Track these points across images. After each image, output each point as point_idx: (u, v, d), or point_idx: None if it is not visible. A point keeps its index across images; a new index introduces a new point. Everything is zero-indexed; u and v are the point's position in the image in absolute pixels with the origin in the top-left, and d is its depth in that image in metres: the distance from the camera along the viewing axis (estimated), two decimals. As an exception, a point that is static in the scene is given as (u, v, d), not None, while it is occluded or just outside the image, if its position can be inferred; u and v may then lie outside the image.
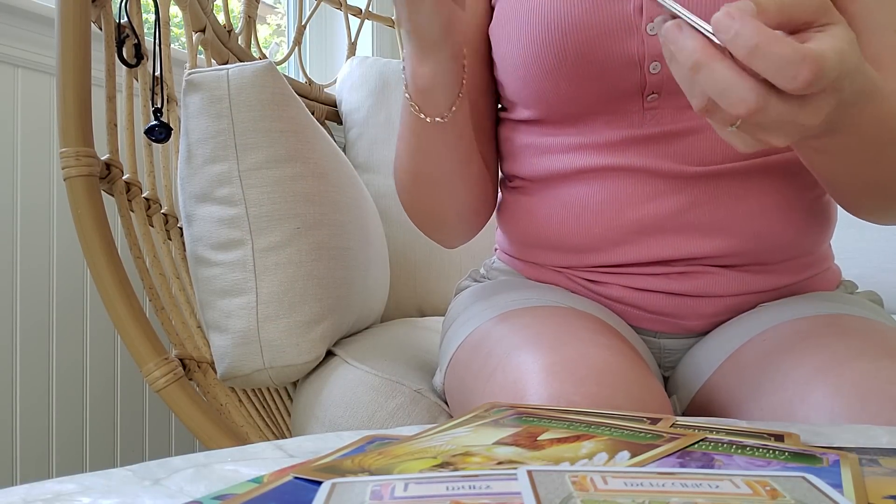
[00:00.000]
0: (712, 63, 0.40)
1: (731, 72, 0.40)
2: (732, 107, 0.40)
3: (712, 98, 0.41)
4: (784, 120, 0.41)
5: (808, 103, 0.41)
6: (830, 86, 0.40)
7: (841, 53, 0.40)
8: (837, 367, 0.50)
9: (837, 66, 0.39)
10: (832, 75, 0.39)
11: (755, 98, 0.40)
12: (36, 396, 1.12)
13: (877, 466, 0.30)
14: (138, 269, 0.87)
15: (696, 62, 0.41)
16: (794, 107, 0.41)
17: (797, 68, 0.38)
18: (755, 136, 0.43)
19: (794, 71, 0.38)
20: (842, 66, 0.40)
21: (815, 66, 0.38)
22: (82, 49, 0.80)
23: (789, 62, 0.38)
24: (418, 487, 0.25)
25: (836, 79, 0.40)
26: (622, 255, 0.65)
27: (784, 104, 0.40)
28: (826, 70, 0.39)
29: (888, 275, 1.34)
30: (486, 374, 0.57)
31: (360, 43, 1.68)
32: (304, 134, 0.79)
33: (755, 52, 0.38)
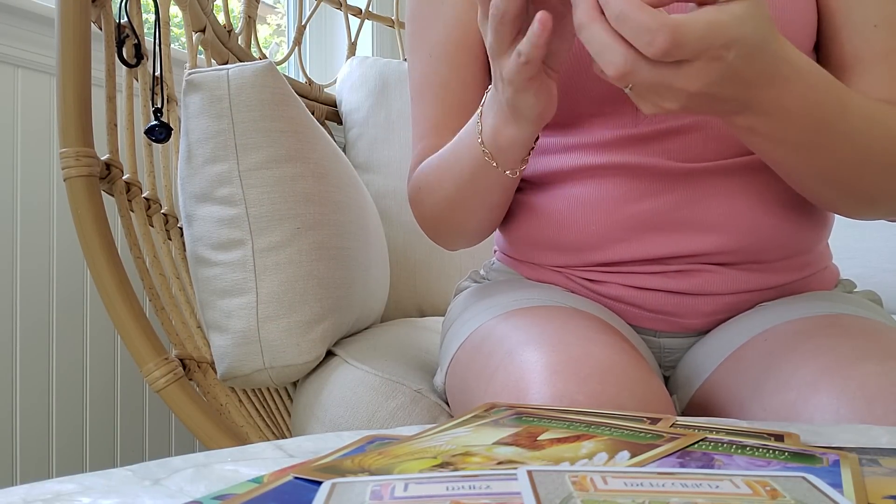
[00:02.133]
0: (591, 24, 0.43)
1: (606, 35, 0.42)
2: (605, 67, 0.43)
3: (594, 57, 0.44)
4: (662, 84, 0.43)
5: (682, 70, 0.43)
6: (703, 55, 0.42)
7: (712, 24, 0.42)
8: (843, 369, 0.50)
9: (702, 37, 0.41)
10: (695, 45, 0.41)
11: (623, 61, 0.42)
12: (36, 396, 1.12)
13: (877, 466, 0.30)
14: (138, 269, 0.87)
15: (580, 23, 0.43)
16: (666, 72, 0.43)
17: (653, 35, 0.41)
18: (647, 99, 0.46)
19: (650, 37, 0.41)
20: (711, 36, 0.42)
21: (672, 34, 0.40)
22: (82, 49, 0.80)
23: (647, 29, 0.41)
24: (418, 487, 0.25)
25: (708, 48, 0.42)
26: (620, 252, 0.66)
27: (654, 69, 0.43)
28: (683, 39, 0.41)
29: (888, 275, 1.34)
30: (489, 374, 0.57)
31: (360, 43, 1.68)
32: (304, 134, 0.79)
33: (620, 18, 0.41)
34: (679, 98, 0.45)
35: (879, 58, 0.61)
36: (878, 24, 0.61)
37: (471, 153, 0.63)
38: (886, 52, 0.61)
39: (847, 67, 0.62)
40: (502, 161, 0.61)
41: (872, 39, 0.61)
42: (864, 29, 0.61)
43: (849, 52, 0.62)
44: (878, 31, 0.61)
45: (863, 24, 0.62)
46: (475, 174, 0.64)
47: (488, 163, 0.61)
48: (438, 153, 0.69)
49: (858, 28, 0.62)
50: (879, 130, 0.55)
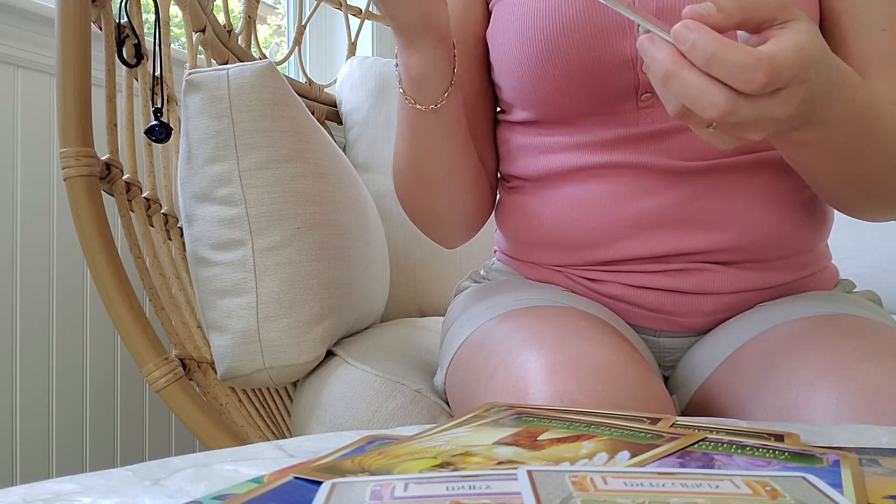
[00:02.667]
0: (681, 72, 0.42)
1: (700, 79, 0.42)
2: (704, 111, 0.42)
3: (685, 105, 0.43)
4: (758, 118, 0.43)
5: (776, 98, 0.43)
6: (794, 79, 0.42)
7: (798, 48, 0.42)
8: (843, 369, 0.50)
9: (795, 62, 0.42)
10: (789, 72, 0.41)
11: (724, 102, 0.42)
12: (36, 396, 1.12)
13: (877, 466, 0.30)
14: (138, 269, 0.87)
15: (667, 72, 0.43)
16: (763, 104, 0.43)
17: (752, 72, 0.40)
18: (731, 133, 0.45)
19: (749, 75, 0.41)
20: (801, 61, 0.42)
21: (769, 67, 0.41)
22: (82, 49, 0.80)
23: (743, 67, 0.40)
24: (418, 487, 0.25)
25: (798, 72, 0.42)
26: (620, 250, 0.66)
27: (753, 103, 0.42)
28: (780, 69, 0.41)
29: (888, 275, 1.34)
30: (489, 374, 0.57)
31: (360, 43, 1.68)
32: (304, 134, 0.79)
33: (712, 60, 0.41)
34: (771, 126, 0.45)
35: (887, 60, 0.61)
36: (885, 27, 0.61)
37: (402, 107, 0.64)
38: (894, 55, 0.61)
39: (855, 70, 0.62)
40: (421, 97, 0.62)
41: (880, 42, 0.61)
42: (872, 32, 0.61)
43: (856, 56, 0.62)
44: (885, 34, 0.61)
45: (870, 27, 0.62)
46: (411, 127, 0.65)
47: (415, 108, 0.62)
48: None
49: (866, 31, 0.62)
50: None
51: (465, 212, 0.73)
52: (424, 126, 0.64)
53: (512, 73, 0.67)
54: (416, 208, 0.74)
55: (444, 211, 0.72)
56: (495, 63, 0.70)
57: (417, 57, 0.60)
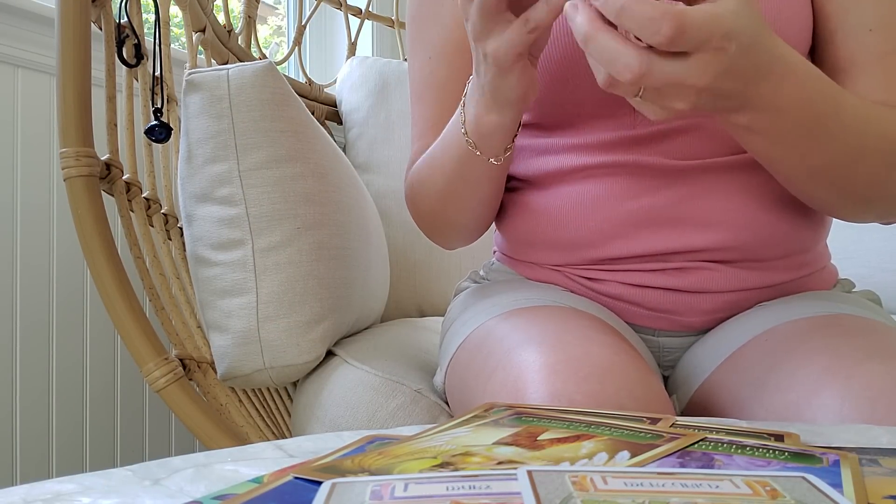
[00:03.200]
0: (597, 34, 0.43)
1: (615, 41, 0.43)
2: (620, 74, 0.43)
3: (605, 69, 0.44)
4: (673, 81, 0.44)
5: (690, 62, 0.43)
6: (707, 44, 0.43)
7: (713, 14, 0.42)
8: (846, 369, 0.50)
9: (706, 25, 0.42)
10: (699, 33, 0.42)
11: (637, 63, 0.43)
12: (36, 396, 1.12)
13: (877, 466, 0.30)
14: (138, 269, 0.87)
15: (585, 35, 0.44)
16: (678, 66, 0.43)
17: (658, 23, 0.41)
18: (658, 103, 0.46)
19: (655, 26, 0.41)
20: (712, 26, 0.43)
21: (676, 21, 0.41)
22: (82, 49, 0.80)
23: (650, 18, 0.41)
24: (418, 487, 0.25)
25: (710, 37, 0.43)
26: (619, 248, 0.66)
27: (667, 64, 0.43)
28: (687, 26, 0.42)
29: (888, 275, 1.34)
30: (487, 373, 0.57)
31: (360, 43, 1.68)
32: (304, 134, 0.79)
33: (621, 13, 0.42)
34: (689, 96, 0.45)
35: (874, 61, 0.61)
36: (873, 27, 0.61)
37: (456, 144, 0.64)
38: (881, 55, 0.61)
39: (842, 70, 0.63)
40: (485, 149, 0.62)
41: (867, 43, 0.62)
42: (860, 32, 0.62)
43: (844, 56, 0.63)
44: (873, 34, 0.61)
45: (858, 27, 0.62)
46: (462, 165, 0.65)
47: (472, 152, 0.62)
48: (430, 149, 0.70)
49: (854, 31, 0.62)
50: (873, 130, 0.56)
51: (479, 223, 0.74)
52: (477, 169, 0.64)
53: None
54: (434, 223, 0.74)
55: (461, 225, 0.73)
56: None
57: (496, 118, 0.59)
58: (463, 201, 0.69)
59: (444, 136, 0.67)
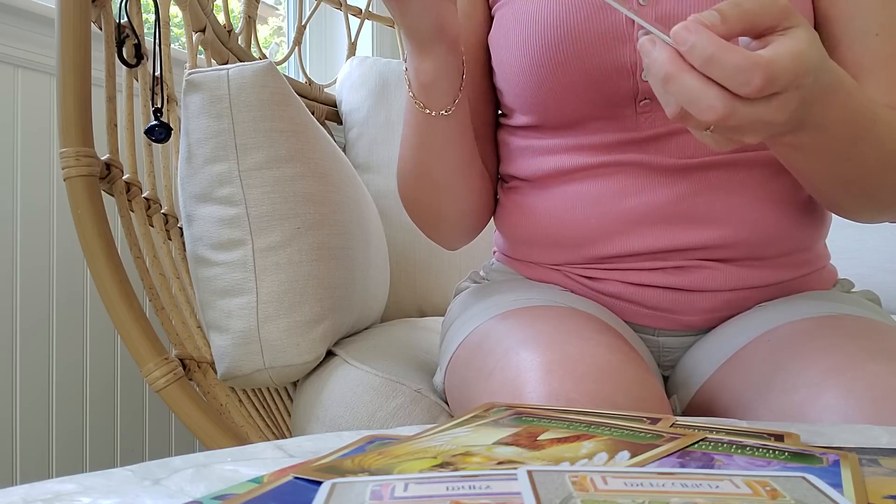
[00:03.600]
0: (680, 74, 0.43)
1: (698, 82, 0.42)
2: (702, 114, 0.43)
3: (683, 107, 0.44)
4: (756, 121, 0.43)
5: (773, 103, 0.43)
6: (791, 84, 0.43)
7: (796, 55, 0.42)
8: (850, 370, 0.50)
9: (792, 68, 0.42)
10: (786, 77, 0.42)
11: (721, 105, 0.42)
12: (36, 396, 1.12)
13: (877, 466, 0.30)
14: (138, 269, 0.87)
15: (666, 74, 0.43)
16: (760, 108, 0.43)
17: (749, 75, 0.41)
18: (728, 136, 0.46)
19: (746, 77, 0.41)
20: (798, 67, 0.42)
21: (766, 71, 0.41)
22: (82, 49, 0.80)
23: (741, 70, 0.41)
24: (418, 487, 0.25)
25: (795, 78, 0.42)
26: (619, 246, 0.66)
27: (750, 107, 0.43)
28: (777, 73, 0.41)
29: (888, 275, 1.34)
30: (486, 373, 0.57)
31: (360, 43, 1.68)
32: (304, 134, 0.79)
33: (710, 62, 0.41)
34: (767, 129, 0.45)
35: (880, 64, 0.62)
36: (878, 31, 0.62)
37: (412, 113, 0.65)
38: (887, 59, 0.61)
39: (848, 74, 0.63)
40: (431, 102, 0.63)
41: (873, 47, 0.62)
42: (865, 37, 0.62)
43: (850, 60, 0.63)
44: (878, 38, 0.62)
45: (864, 32, 0.62)
46: (419, 132, 0.66)
47: (424, 113, 0.63)
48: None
49: (859, 36, 0.62)
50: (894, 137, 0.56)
51: (467, 213, 0.74)
52: (433, 131, 0.65)
53: (513, 78, 0.68)
54: (420, 211, 0.74)
55: (447, 213, 0.73)
56: (497, 68, 0.71)
57: (429, 63, 0.61)
58: (433, 175, 0.69)
59: (405, 111, 0.68)
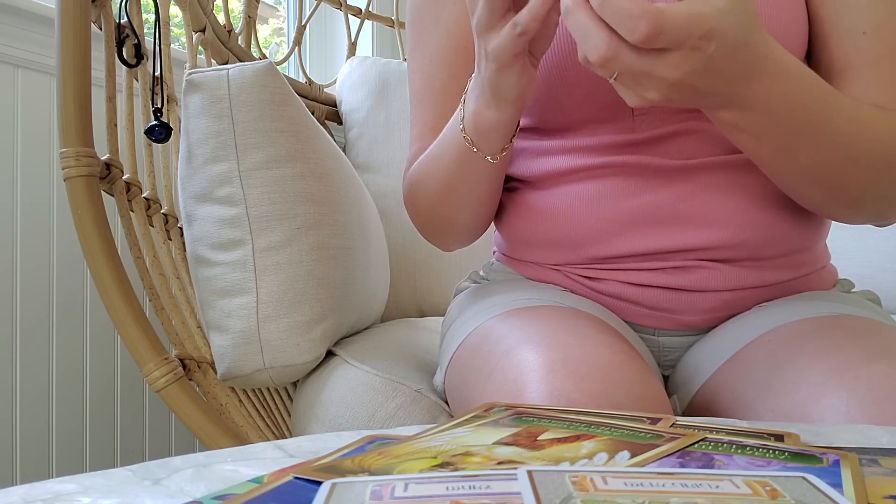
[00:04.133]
0: (577, 10, 0.44)
1: (591, 20, 0.44)
2: (588, 52, 0.44)
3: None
4: (643, 72, 0.44)
5: (663, 58, 0.44)
6: (684, 44, 0.43)
7: (693, 14, 0.43)
8: (852, 370, 0.50)
9: (684, 26, 0.43)
10: (675, 33, 0.42)
11: (605, 47, 0.43)
12: (36, 396, 1.12)
13: (877, 466, 0.30)
14: (138, 269, 0.87)
15: (566, 8, 0.45)
16: (648, 60, 0.44)
17: (635, 21, 0.42)
18: (631, 88, 0.47)
19: (632, 23, 0.42)
20: (692, 26, 0.43)
21: (653, 21, 0.42)
22: (82, 49, 0.80)
23: (629, 15, 0.42)
24: (418, 487, 0.25)
25: (688, 38, 0.43)
26: (618, 246, 0.66)
27: (636, 56, 0.44)
28: (665, 26, 0.42)
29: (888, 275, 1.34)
30: (487, 373, 0.57)
31: (360, 43, 1.68)
32: (304, 134, 0.79)
33: (603, 4, 0.43)
34: (660, 87, 0.46)
35: (868, 63, 0.62)
36: (866, 30, 0.62)
37: (455, 142, 0.64)
38: (875, 58, 0.61)
39: (837, 73, 0.63)
40: (483, 146, 0.62)
41: (861, 46, 0.62)
42: (854, 35, 0.62)
43: (838, 58, 0.63)
44: (866, 37, 0.62)
45: (852, 30, 0.62)
46: (460, 162, 0.65)
47: (470, 150, 0.63)
48: (429, 149, 0.70)
49: (848, 35, 0.62)
50: (865, 133, 0.56)
51: (476, 227, 0.75)
52: (474, 167, 0.65)
53: None
54: (433, 221, 0.74)
55: (458, 226, 0.73)
56: None
57: (494, 114, 0.60)
58: (461, 200, 0.69)
59: (444, 135, 0.67)
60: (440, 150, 0.68)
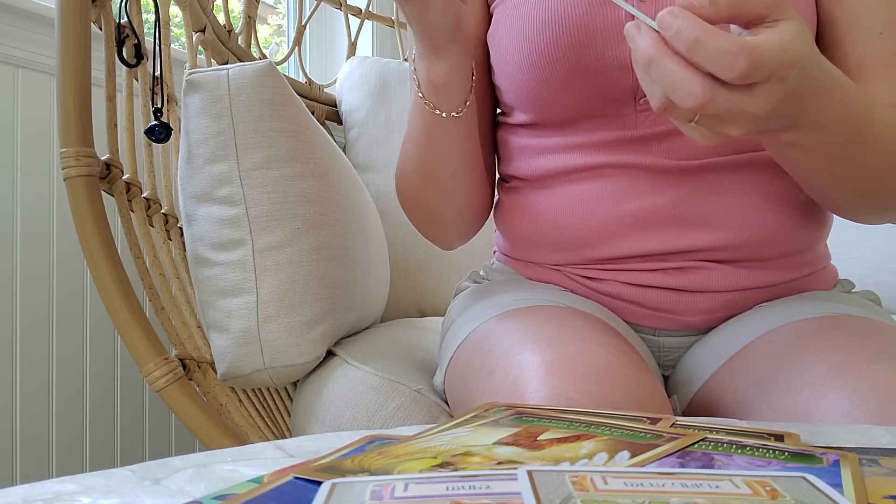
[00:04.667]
0: (662, 59, 0.42)
1: (680, 67, 0.42)
2: (682, 101, 0.42)
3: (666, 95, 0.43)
4: (735, 110, 0.43)
5: (755, 92, 0.43)
6: (774, 75, 0.42)
7: (782, 44, 0.42)
8: (854, 370, 0.50)
9: (777, 57, 0.42)
10: (771, 66, 0.42)
11: (702, 91, 0.42)
12: (36, 396, 1.12)
13: (877, 466, 0.30)
14: (138, 269, 0.87)
15: (648, 59, 0.43)
16: (742, 97, 0.43)
17: (734, 59, 0.40)
18: (713, 128, 0.45)
19: (730, 62, 0.40)
20: (782, 57, 0.42)
21: (751, 56, 0.40)
22: (82, 49, 0.80)
23: (726, 53, 0.40)
24: (418, 487, 0.25)
25: (779, 69, 0.42)
26: (619, 248, 0.66)
27: (731, 95, 0.42)
28: (762, 60, 0.41)
29: (888, 275, 1.34)
30: (486, 373, 0.57)
31: (360, 43, 1.68)
32: (304, 134, 0.79)
33: (695, 46, 0.41)
34: (748, 122, 0.45)
35: (884, 64, 0.61)
36: (882, 31, 0.61)
37: (419, 111, 0.65)
38: (890, 59, 0.61)
39: (852, 74, 0.63)
40: (443, 103, 0.62)
41: (877, 46, 0.62)
42: (869, 36, 0.62)
43: (853, 59, 0.63)
44: (882, 38, 0.61)
45: (868, 31, 0.62)
46: (429, 133, 0.65)
47: (433, 113, 0.63)
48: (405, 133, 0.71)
49: (863, 35, 0.62)
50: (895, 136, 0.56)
51: (466, 214, 0.74)
52: (441, 131, 0.65)
53: (512, 76, 0.68)
54: (419, 210, 0.74)
55: (447, 213, 0.73)
56: (496, 66, 0.71)
57: (442, 64, 0.60)
58: (438, 176, 0.69)
59: (410, 110, 0.67)
60: (410, 127, 0.68)
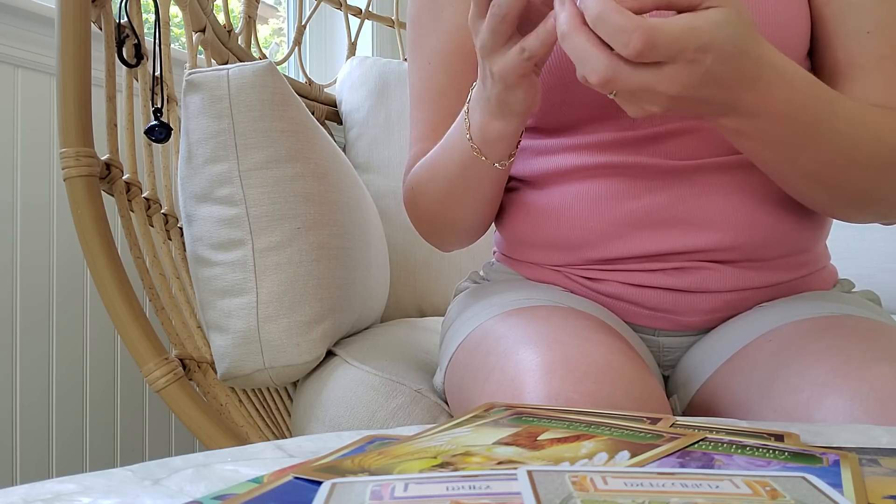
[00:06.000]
0: (573, 33, 0.44)
1: (587, 43, 0.44)
2: (588, 74, 0.45)
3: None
4: (642, 87, 0.45)
5: (661, 72, 0.44)
6: (680, 57, 0.44)
7: (690, 28, 0.43)
8: (855, 370, 0.50)
9: (680, 39, 0.43)
10: (669, 46, 0.43)
11: (604, 68, 0.44)
12: (36, 396, 1.12)
13: (877, 466, 0.30)
14: (138, 269, 0.87)
15: (562, 33, 0.45)
16: (647, 75, 0.44)
17: (629, 35, 0.42)
18: (631, 103, 0.47)
19: (625, 38, 0.42)
20: (687, 40, 0.43)
21: (646, 35, 0.42)
22: (82, 49, 0.80)
23: (622, 30, 0.42)
24: (418, 487, 0.25)
25: (683, 51, 0.43)
26: (618, 248, 0.66)
27: (635, 73, 0.44)
28: (658, 40, 0.42)
29: (888, 275, 1.34)
30: (485, 373, 0.57)
31: (360, 43, 1.68)
32: (304, 134, 0.79)
33: (597, 20, 0.43)
34: (660, 101, 0.46)
35: (873, 63, 0.62)
36: (871, 30, 0.62)
37: (460, 148, 0.64)
38: (880, 58, 0.61)
39: (841, 73, 0.63)
40: (490, 154, 0.63)
41: (866, 46, 0.62)
42: (858, 35, 0.62)
43: (843, 59, 0.63)
44: (871, 37, 0.62)
45: (857, 30, 0.62)
46: (465, 168, 0.65)
47: (477, 157, 0.63)
48: (430, 152, 0.70)
49: (852, 35, 0.62)
50: (867, 134, 0.56)
51: (478, 228, 0.75)
52: (478, 174, 0.65)
53: None
54: (431, 223, 0.74)
55: (458, 228, 0.74)
56: None
57: (501, 125, 0.60)
58: (464, 203, 0.69)
59: (447, 141, 0.67)
60: (443, 156, 0.68)
